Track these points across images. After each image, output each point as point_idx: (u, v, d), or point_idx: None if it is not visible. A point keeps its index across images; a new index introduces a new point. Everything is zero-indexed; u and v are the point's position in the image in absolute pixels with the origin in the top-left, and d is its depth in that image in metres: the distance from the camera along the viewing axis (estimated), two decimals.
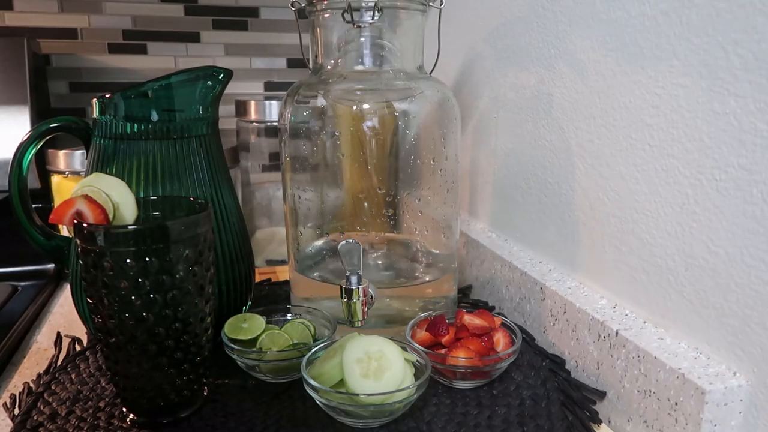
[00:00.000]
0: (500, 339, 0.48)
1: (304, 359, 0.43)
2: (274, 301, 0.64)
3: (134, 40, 1.04)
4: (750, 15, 0.34)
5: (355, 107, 0.52)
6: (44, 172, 0.77)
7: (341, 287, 0.48)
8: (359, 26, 0.51)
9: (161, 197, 0.47)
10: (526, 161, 0.58)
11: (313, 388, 0.40)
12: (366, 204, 0.56)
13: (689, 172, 0.39)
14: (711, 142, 0.37)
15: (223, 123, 0.57)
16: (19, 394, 0.46)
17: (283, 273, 0.75)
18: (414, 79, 0.54)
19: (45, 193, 0.79)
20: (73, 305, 0.52)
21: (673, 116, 0.40)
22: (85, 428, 0.41)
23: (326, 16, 0.52)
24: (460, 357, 0.45)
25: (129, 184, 0.42)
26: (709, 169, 0.37)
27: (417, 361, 0.44)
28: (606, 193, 0.47)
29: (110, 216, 0.39)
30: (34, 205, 0.53)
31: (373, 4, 0.49)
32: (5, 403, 0.45)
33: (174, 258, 0.38)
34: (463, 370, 0.45)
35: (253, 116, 0.83)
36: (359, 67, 0.53)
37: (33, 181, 0.84)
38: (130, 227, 0.39)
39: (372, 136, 0.52)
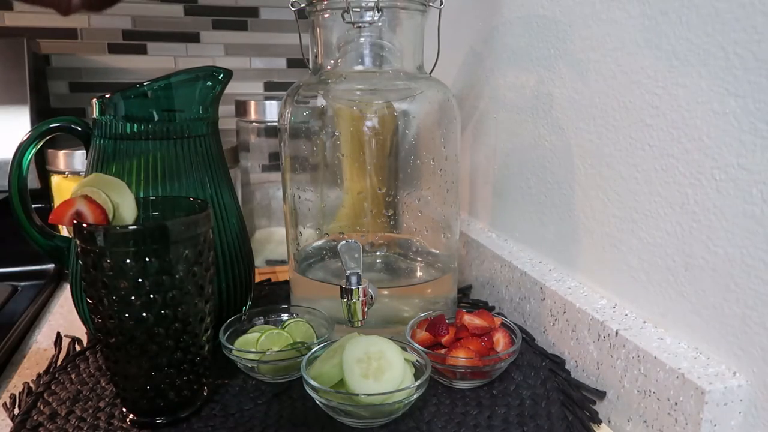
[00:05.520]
0: (500, 339, 0.48)
1: (304, 359, 0.43)
2: (274, 301, 0.64)
3: (134, 40, 1.04)
4: (750, 15, 0.34)
5: (355, 107, 0.52)
6: (44, 172, 0.77)
7: (341, 287, 0.48)
8: (359, 26, 0.51)
9: (161, 197, 0.47)
10: (526, 161, 0.58)
11: (313, 388, 0.40)
12: (366, 204, 0.56)
13: (689, 172, 0.39)
14: (711, 142, 0.37)
15: (223, 123, 0.56)
16: (19, 394, 0.46)
17: (283, 273, 0.75)
18: (414, 79, 0.54)
19: (45, 193, 0.79)
20: (73, 305, 0.52)
21: (673, 116, 0.40)
22: (85, 428, 0.41)
23: (326, 16, 0.52)
24: (460, 357, 0.45)
25: (129, 184, 0.42)
26: (709, 169, 0.37)
27: (417, 361, 0.44)
28: (606, 193, 0.47)
29: (110, 216, 0.39)
30: (34, 205, 0.53)
31: (373, 4, 0.49)
32: (5, 403, 0.45)
33: (174, 258, 0.38)
34: (463, 370, 0.45)
35: (253, 116, 0.83)
36: (359, 68, 0.53)
37: (33, 181, 0.84)
38: (129, 227, 0.39)
39: (372, 136, 0.52)
